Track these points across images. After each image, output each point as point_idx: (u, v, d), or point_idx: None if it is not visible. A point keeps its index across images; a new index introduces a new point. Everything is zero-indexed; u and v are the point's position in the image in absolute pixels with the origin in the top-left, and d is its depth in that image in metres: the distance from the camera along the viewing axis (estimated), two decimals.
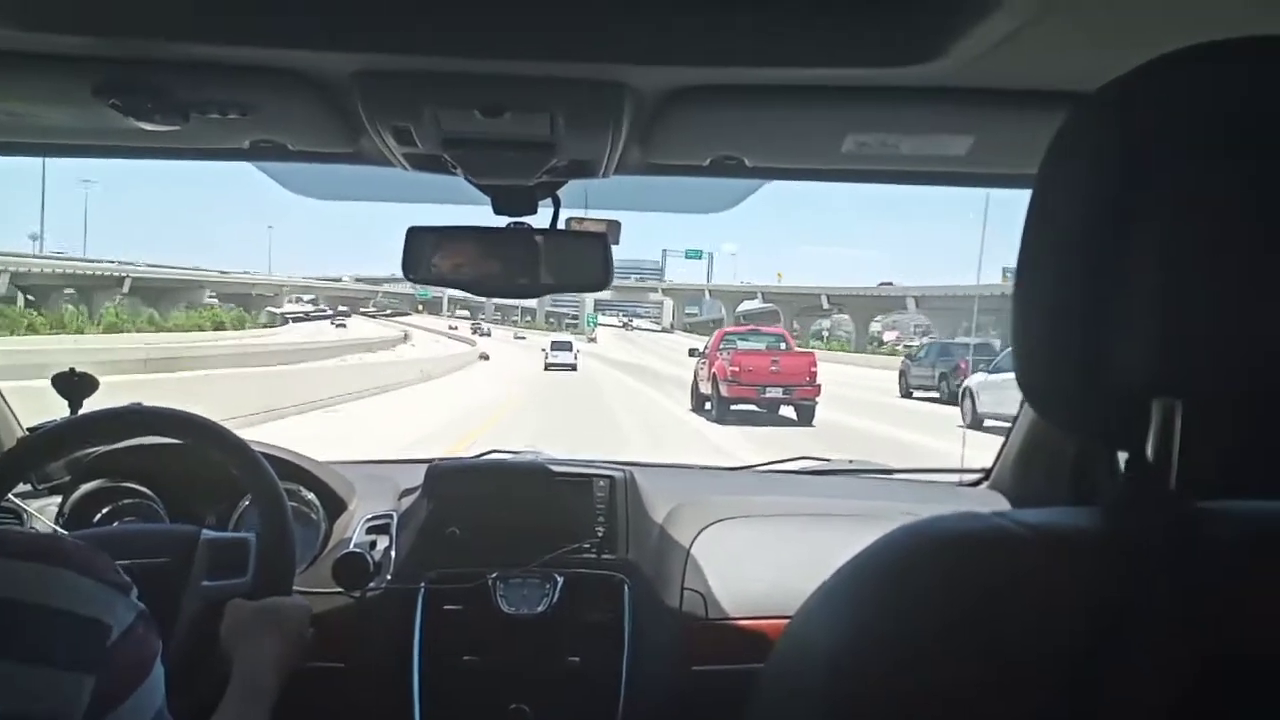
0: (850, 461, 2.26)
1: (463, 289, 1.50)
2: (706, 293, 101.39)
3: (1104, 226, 0.48)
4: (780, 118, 1.16)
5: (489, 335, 69.97)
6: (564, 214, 1.49)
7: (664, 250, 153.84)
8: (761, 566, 1.59)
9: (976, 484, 2.00)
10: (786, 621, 0.56)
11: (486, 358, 36.09)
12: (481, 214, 1.45)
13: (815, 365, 16.18)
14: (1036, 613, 0.46)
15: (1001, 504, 1.80)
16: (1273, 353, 0.46)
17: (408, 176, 1.39)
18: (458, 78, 1.05)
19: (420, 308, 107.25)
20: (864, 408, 16.93)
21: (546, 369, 30.71)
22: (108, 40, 0.99)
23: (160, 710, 0.82)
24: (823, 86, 1.06)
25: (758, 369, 15.76)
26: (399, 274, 1.39)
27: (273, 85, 1.10)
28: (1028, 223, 0.53)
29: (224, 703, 1.08)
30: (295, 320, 75.72)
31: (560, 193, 1.43)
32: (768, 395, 15.67)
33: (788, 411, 15.86)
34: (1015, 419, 1.87)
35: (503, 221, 1.43)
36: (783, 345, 18.16)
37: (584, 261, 1.43)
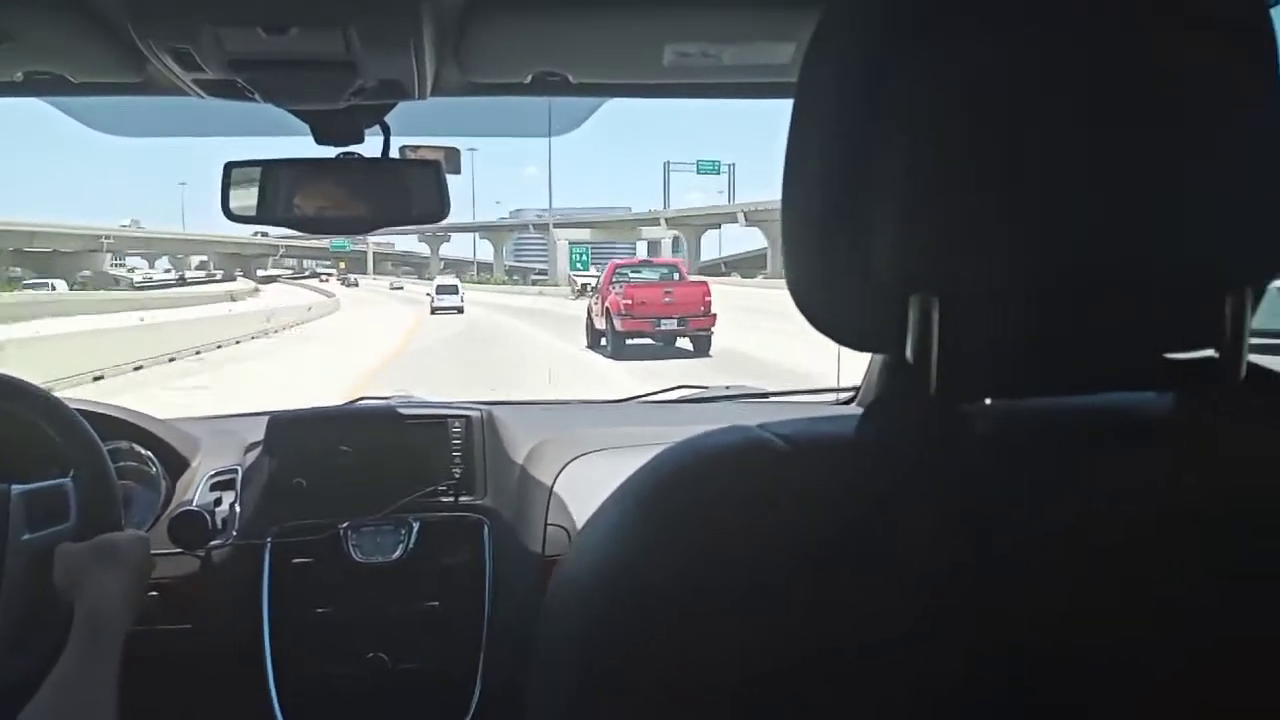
0: (728, 388, 2.27)
1: (290, 227, 1.42)
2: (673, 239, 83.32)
3: (855, 126, 0.47)
4: (595, 28, 1.11)
5: (356, 285, 68.01)
6: (398, 142, 1.42)
7: (667, 163, 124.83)
8: None
9: (849, 402, 2.03)
10: None
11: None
12: (305, 147, 1.36)
13: (709, 295, 16.28)
14: (788, 523, 0.45)
15: None
16: (1021, 251, 0.46)
17: (219, 107, 1.28)
18: None
19: (343, 265, 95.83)
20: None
21: (433, 312, 30.46)
22: None
23: None
24: None
25: (651, 301, 15.76)
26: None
27: (34, 7, 1.00)
28: (791, 127, 0.51)
29: (68, 649, 1.03)
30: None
31: (391, 120, 1.36)
32: (662, 328, 15.73)
33: (685, 344, 15.99)
34: None
35: (331, 153, 1.35)
36: (676, 276, 18.16)
37: (418, 192, 1.36)
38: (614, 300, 16.08)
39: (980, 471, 0.46)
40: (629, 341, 15.69)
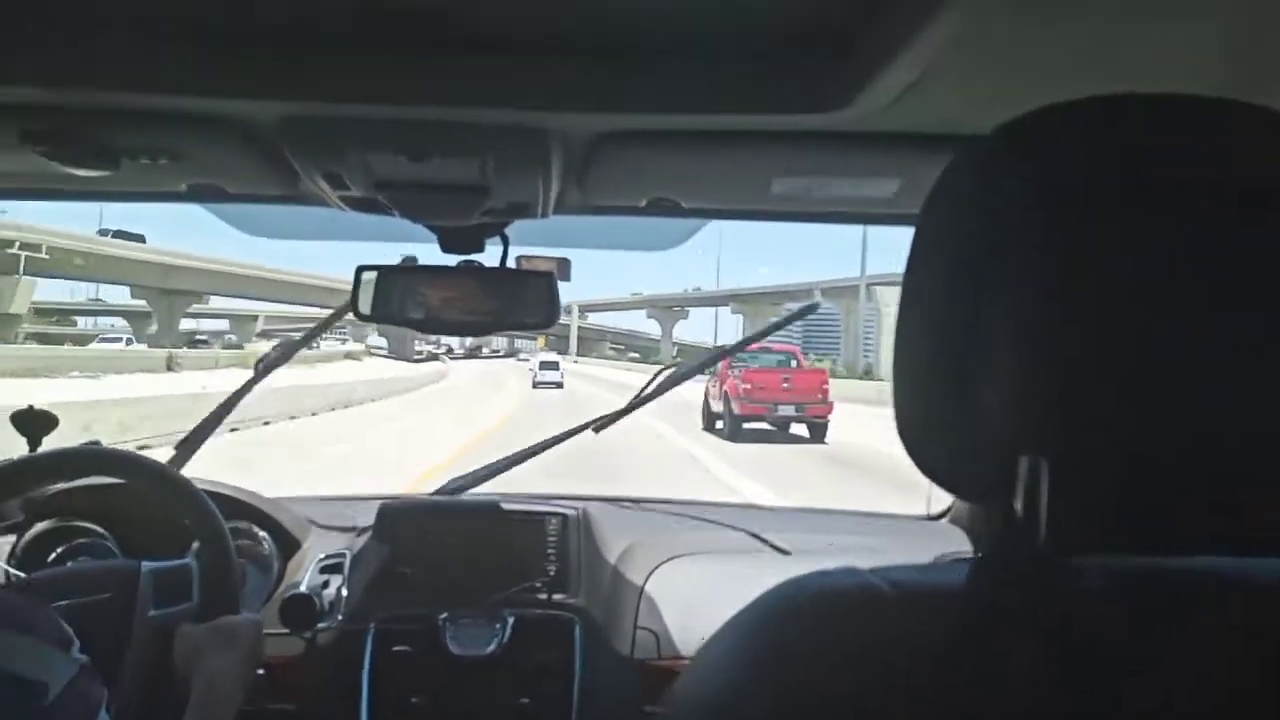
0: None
1: (412, 327, 1.50)
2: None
3: (971, 279, 0.48)
4: (707, 162, 1.15)
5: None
6: (515, 251, 1.49)
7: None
8: (716, 604, 1.56)
9: (939, 517, 1.99)
10: None
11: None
12: (433, 253, 1.45)
13: (828, 383, 16.12)
14: (897, 674, 0.46)
15: (959, 538, 1.78)
16: (1132, 412, 0.46)
17: (355, 215, 1.39)
18: (382, 124, 1.05)
19: (542, 341, 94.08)
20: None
21: (535, 386, 32.50)
22: (34, 88, 0.99)
23: None
24: (745, 132, 1.06)
25: (770, 386, 15.70)
26: None
27: (201, 132, 1.10)
28: (907, 270, 0.52)
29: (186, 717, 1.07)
30: None
31: (510, 231, 1.43)
32: (780, 413, 15.62)
33: (799, 430, 15.80)
34: None
35: (452, 260, 1.43)
36: (794, 363, 18.09)
37: (531, 299, 1.43)
38: (732, 384, 16.05)
39: (1090, 627, 0.47)
40: (745, 425, 15.60)
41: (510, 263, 1.46)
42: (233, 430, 11.66)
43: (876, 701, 0.45)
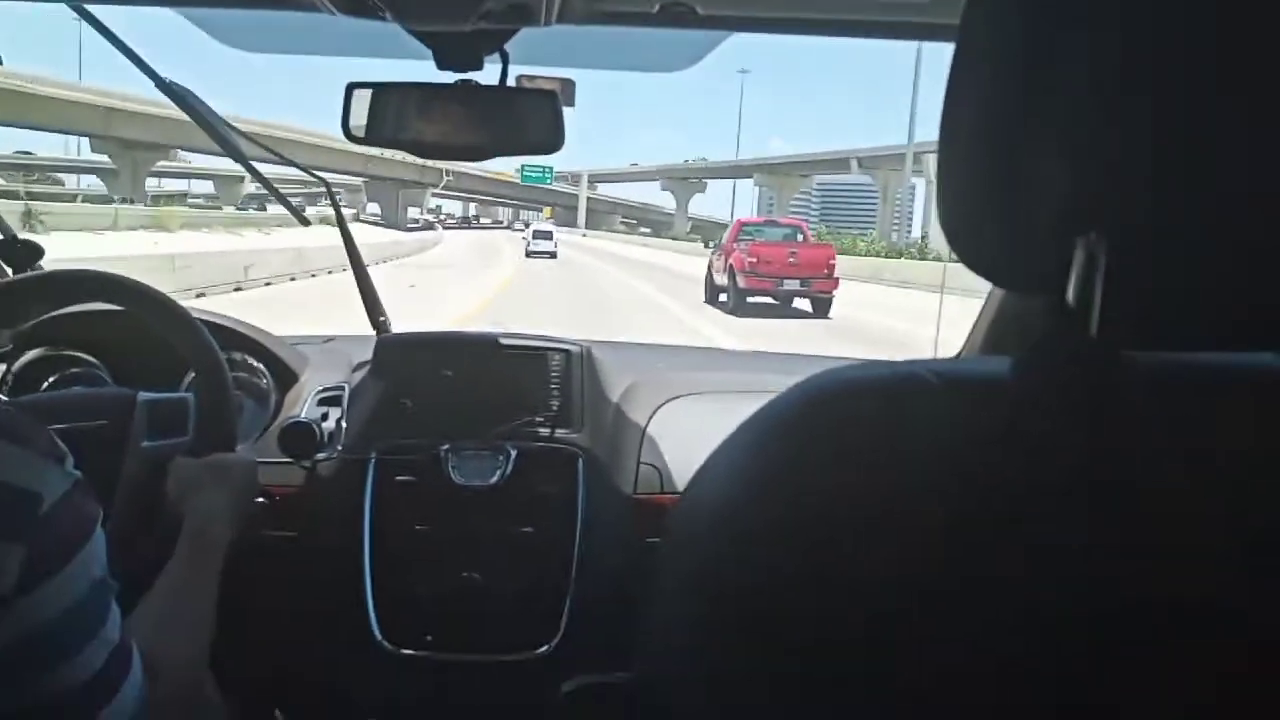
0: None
1: (407, 150, 1.44)
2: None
3: (1025, 59, 0.44)
4: None
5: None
6: (515, 71, 1.41)
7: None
8: (719, 441, 1.56)
9: None
10: None
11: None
12: (426, 74, 1.37)
13: (834, 258, 16.02)
14: (940, 455, 0.44)
15: None
16: (1197, 194, 0.42)
17: (344, 26, 1.30)
18: None
19: (548, 212, 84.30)
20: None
21: (528, 256, 33.56)
22: None
23: (100, 579, 0.80)
24: None
25: (776, 260, 15.63)
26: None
27: None
28: (952, 68, 0.49)
29: (174, 556, 1.07)
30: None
31: (510, 48, 1.35)
32: (785, 287, 15.59)
33: (802, 304, 15.80)
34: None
35: (448, 79, 1.36)
36: (799, 237, 17.94)
37: (535, 121, 1.36)
38: (738, 258, 15.97)
39: (1137, 421, 0.45)
40: (749, 299, 15.59)
41: (510, 84, 1.39)
42: None
43: (921, 488, 0.43)
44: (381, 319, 1.78)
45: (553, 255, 34.16)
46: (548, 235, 37.07)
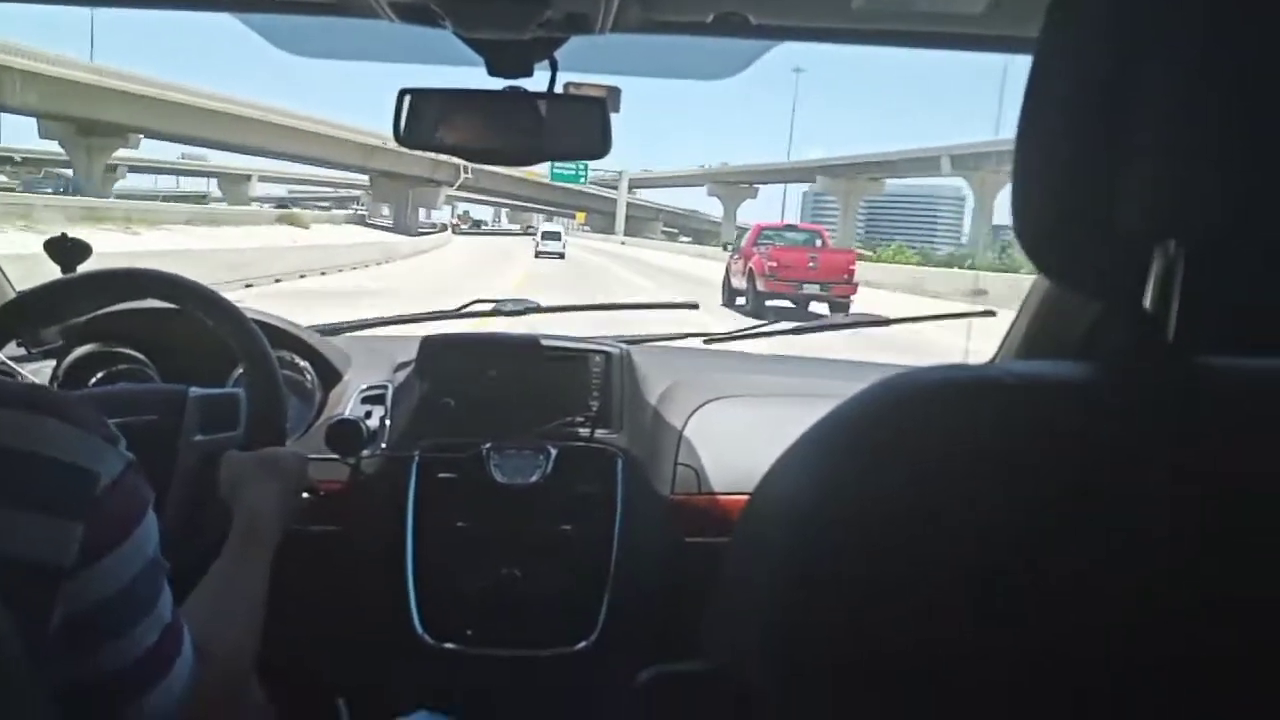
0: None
1: (459, 156, 1.46)
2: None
3: (1112, 63, 0.45)
4: None
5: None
6: (563, 78, 1.43)
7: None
8: (756, 444, 1.56)
9: None
10: None
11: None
12: (474, 80, 1.39)
13: (854, 264, 15.99)
14: (1018, 456, 0.44)
15: None
16: (1272, 199, 0.43)
17: (398, 33, 1.33)
18: None
19: (580, 217, 76.94)
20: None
21: (537, 256, 35.42)
22: None
23: (154, 559, 0.82)
24: None
25: (797, 265, 15.65)
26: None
27: None
28: (1033, 70, 0.49)
29: (226, 549, 1.09)
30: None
31: (558, 56, 1.38)
32: (804, 291, 15.57)
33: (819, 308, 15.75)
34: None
35: (498, 86, 1.38)
36: (819, 242, 17.93)
37: (583, 127, 1.38)
38: (758, 260, 15.97)
39: (1218, 427, 0.45)
40: (768, 303, 15.57)
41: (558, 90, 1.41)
42: None
43: (995, 489, 0.43)
44: None
45: (560, 255, 36.12)
46: (555, 236, 40.22)
